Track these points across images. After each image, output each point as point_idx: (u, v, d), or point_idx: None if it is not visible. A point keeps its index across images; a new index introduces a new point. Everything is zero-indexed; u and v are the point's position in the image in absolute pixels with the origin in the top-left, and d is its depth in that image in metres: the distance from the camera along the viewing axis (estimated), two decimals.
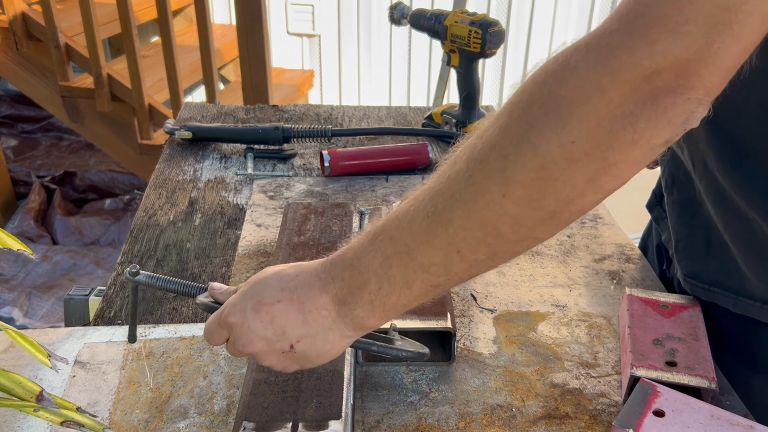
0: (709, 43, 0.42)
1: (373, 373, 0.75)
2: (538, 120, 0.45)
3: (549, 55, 0.48)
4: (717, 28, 0.41)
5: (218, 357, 0.77)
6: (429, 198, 0.51)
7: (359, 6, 3.37)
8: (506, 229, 0.48)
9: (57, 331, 0.81)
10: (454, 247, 0.50)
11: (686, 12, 0.41)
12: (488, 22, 1.21)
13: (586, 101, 0.44)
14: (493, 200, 0.47)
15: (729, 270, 0.76)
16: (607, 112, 0.44)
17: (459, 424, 0.69)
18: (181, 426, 0.68)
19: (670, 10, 0.42)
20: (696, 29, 0.41)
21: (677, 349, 0.71)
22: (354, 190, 1.15)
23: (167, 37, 2.51)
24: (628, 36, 0.43)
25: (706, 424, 0.61)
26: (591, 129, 0.44)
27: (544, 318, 0.85)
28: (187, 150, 1.29)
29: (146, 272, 0.71)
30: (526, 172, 0.46)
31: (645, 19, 0.42)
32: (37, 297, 2.43)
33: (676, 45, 0.42)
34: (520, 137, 0.46)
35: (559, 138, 0.45)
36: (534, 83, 0.47)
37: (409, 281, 0.53)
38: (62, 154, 3.42)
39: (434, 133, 1.34)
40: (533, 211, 0.47)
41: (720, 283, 0.77)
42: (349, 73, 3.53)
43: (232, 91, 3.07)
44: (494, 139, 0.48)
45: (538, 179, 0.46)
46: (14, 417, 0.68)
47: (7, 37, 2.69)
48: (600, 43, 0.44)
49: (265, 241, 1.00)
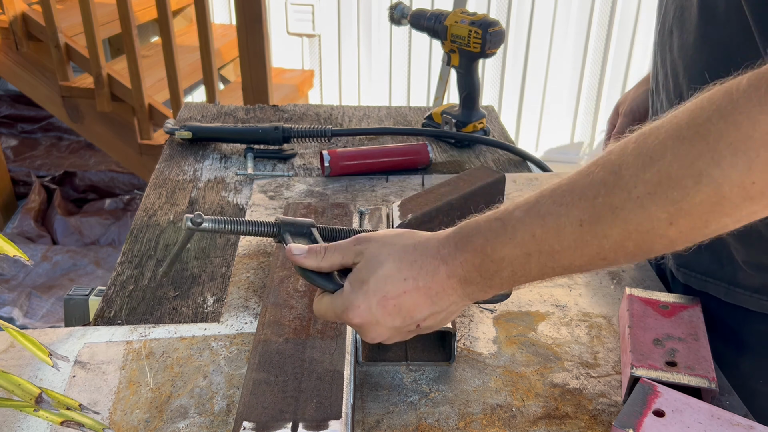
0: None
1: (373, 373, 0.75)
2: (725, 159, 0.45)
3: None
4: None
5: (218, 357, 0.77)
6: (584, 206, 0.50)
7: (359, 6, 3.37)
8: (660, 248, 0.50)
9: (57, 331, 0.81)
10: (601, 256, 0.51)
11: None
12: (488, 22, 1.21)
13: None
14: (660, 225, 0.48)
15: (722, 260, 0.78)
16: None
17: (459, 424, 0.69)
18: (181, 426, 0.68)
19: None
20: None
21: (677, 349, 0.71)
22: (354, 190, 1.15)
23: (167, 37, 2.51)
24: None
25: (706, 424, 0.61)
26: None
27: (544, 318, 0.85)
28: (187, 150, 1.29)
29: (210, 216, 0.66)
30: (702, 206, 0.46)
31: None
32: (37, 297, 2.43)
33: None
34: (702, 173, 0.45)
35: (741, 178, 0.45)
36: (721, 117, 0.45)
37: (544, 274, 0.54)
38: (62, 154, 3.42)
39: (434, 133, 1.34)
40: (692, 236, 0.48)
41: (712, 272, 0.80)
42: (349, 73, 3.53)
43: (232, 91, 3.07)
44: (671, 168, 0.47)
45: (711, 212, 0.46)
46: (14, 417, 0.68)
47: (7, 37, 2.69)
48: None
49: (265, 241, 1.00)
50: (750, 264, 0.76)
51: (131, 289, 0.90)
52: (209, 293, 0.89)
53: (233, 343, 0.79)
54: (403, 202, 0.99)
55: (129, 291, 0.89)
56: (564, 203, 0.51)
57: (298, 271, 0.63)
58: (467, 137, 1.31)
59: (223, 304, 0.86)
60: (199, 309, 0.86)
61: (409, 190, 1.15)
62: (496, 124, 1.46)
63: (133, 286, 0.90)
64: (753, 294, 0.76)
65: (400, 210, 0.97)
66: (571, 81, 3.36)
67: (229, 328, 0.82)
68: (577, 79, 3.36)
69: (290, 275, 0.83)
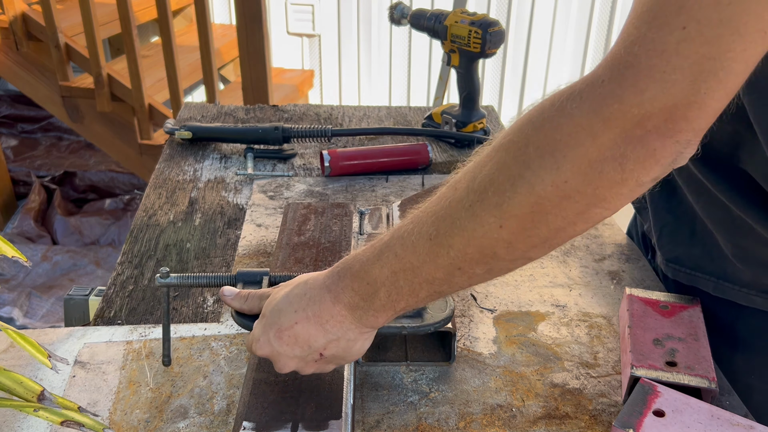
0: (695, 90, 0.44)
1: (373, 373, 0.75)
2: (534, 161, 0.49)
3: (543, 95, 0.51)
4: (702, 75, 0.44)
5: (218, 357, 0.77)
6: (431, 221, 0.55)
7: (359, 6, 3.37)
8: (502, 252, 0.53)
9: (57, 331, 0.81)
10: (455, 265, 0.55)
11: (673, 62, 0.44)
12: (488, 22, 1.21)
13: (579, 145, 0.47)
14: (491, 230, 0.52)
15: (712, 255, 0.80)
16: (598, 155, 0.47)
17: (459, 424, 0.69)
18: (181, 426, 0.68)
19: (658, 61, 0.44)
20: (683, 78, 0.44)
21: (677, 349, 0.71)
22: (354, 190, 1.15)
23: (167, 37, 2.51)
24: (618, 86, 0.46)
25: (706, 424, 0.61)
26: (583, 170, 0.48)
27: (544, 318, 0.85)
28: (187, 150, 1.29)
29: (176, 274, 0.73)
30: (522, 207, 0.50)
31: (634, 69, 0.45)
32: (37, 297, 2.43)
33: (664, 93, 0.45)
34: (516, 175, 0.50)
35: (552, 178, 0.48)
36: (531, 125, 0.50)
37: (415, 291, 0.57)
38: (62, 154, 3.42)
39: (434, 133, 1.34)
40: (527, 238, 0.52)
41: (701, 267, 0.81)
42: (349, 73, 3.53)
43: (232, 91, 3.07)
44: (492, 175, 0.51)
45: (533, 213, 0.50)
46: (14, 417, 0.68)
47: (7, 37, 2.69)
48: (593, 92, 0.47)
49: (265, 241, 1.00)
50: (739, 257, 0.77)
51: (131, 289, 0.90)
52: (209, 293, 0.89)
53: (233, 343, 0.79)
54: (403, 202, 0.99)
55: (129, 291, 0.89)
56: (418, 222, 0.56)
57: (231, 313, 0.71)
58: (467, 137, 1.31)
59: (223, 305, 0.86)
60: (199, 309, 0.86)
61: (409, 190, 1.15)
62: (496, 124, 1.46)
63: (133, 286, 0.90)
64: (742, 288, 0.78)
65: (400, 210, 0.97)
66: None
67: (229, 328, 0.82)
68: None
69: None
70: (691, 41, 0.43)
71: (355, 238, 0.93)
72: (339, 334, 0.61)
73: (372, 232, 0.94)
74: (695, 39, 0.43)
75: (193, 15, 3.07)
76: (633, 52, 0.45)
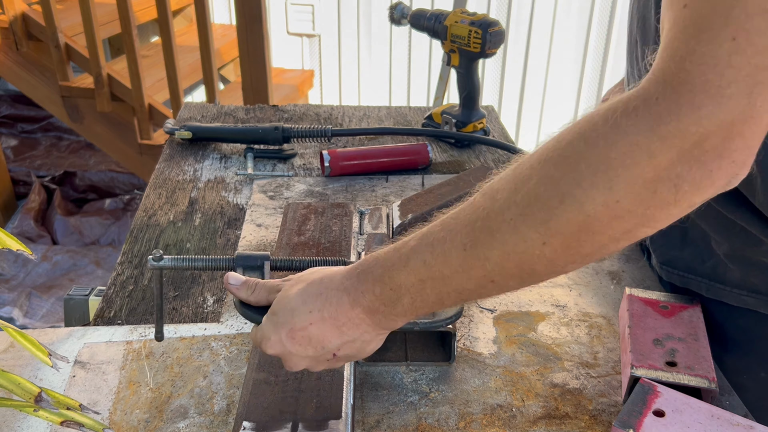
0: (751, 103, 0.43)
1: (373, 373, 0.75)
2: (585, 179, 0.47)
3: (596, 106, 0.49)
4: (758, 88, 0.43)
5: (218, 357, 0.77)
6: (466, 231, 0.53)
7: (359, 6, 3.37)
8: (541, 269, 0.52)
9: (57, 331, 0.81)
10: (489, 278, 0.53)
11: (727, 75, 0.43)
12: (488, 22, 1.21)
13: (635, 165, 0.45)
14: (534, 246, 0.50)
15: (703, 257, 0.80)
16: (653, 175, 0.45)
17: (459, 424, 0.69)
18: (181, 426, 0.68)
19: (712, 76, 0.43)
20: (738, 91, 0.43)
21: (677, 349, 0.71)
22: (354, 190, 1.15)
23: (167, 37, 2.51)
24: (674, 103, 0.44)
25: (706, 424, 0.61)
26: (636, 190, 0.46)
27: (544, 318, 0.85)
28: (187, 150, 1.29)
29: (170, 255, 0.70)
30: (569, 226, 0.48)
31: (689, 86, 0.44)
32: (37, 297, 2.43)
33: (721, 108, 0.43)
34: (566, 193, 0.48)
35: (604, 197, 0.46)
36: (583, 140, 0.48)
37: (441, 299, 0.56)
38: (62, 154, 3.42)
39: (434, 133, 1.34)
40: (568, 256, 0.50)
41: (693, 269, 0.82)
42: (349, 73, 3.53)
43: (232, 91, 3.07)
44: (539, 190, 0.49)
45: (579, 231, 0.48)
46: (14, 417, 0.68)
47: (7, 37, 2.69)
48: (649, 110, 0.45)
49: (265, 241, 1.00)
50: (732, 257, 0.77)
51: (131, 289, 0.90)
52: (209, 293, 0.89)
53: (233, 343, 0.79)
54: (403, 202, 0.99)
55: (129, 291, 0.89)
56: (450, 230, 0.54)
57: (234, 301, 0.67)
58: (467, 137, 1.31)
59: (223, 304, 0.86)
60: (199, 309, 0.86)
61: (409, 190, 1.15)
62: (496, 124, 1.46)
63: (133, 286, 0.90)
64: (733, 289, 0.78)
65: (400, 210, 0.97)
66: (571, 81, 3.36)
67: (229, 328, 0.82)
68: (576, 79, 3.36)
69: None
70: (742, 52, 0.42)
71: (355, 238, 0.93)
72: (355, 336, 0.60)
73: (372, 232, 0.94)
74: (746, 50, 0.42)
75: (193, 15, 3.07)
76: (685, 68, 0.44)
